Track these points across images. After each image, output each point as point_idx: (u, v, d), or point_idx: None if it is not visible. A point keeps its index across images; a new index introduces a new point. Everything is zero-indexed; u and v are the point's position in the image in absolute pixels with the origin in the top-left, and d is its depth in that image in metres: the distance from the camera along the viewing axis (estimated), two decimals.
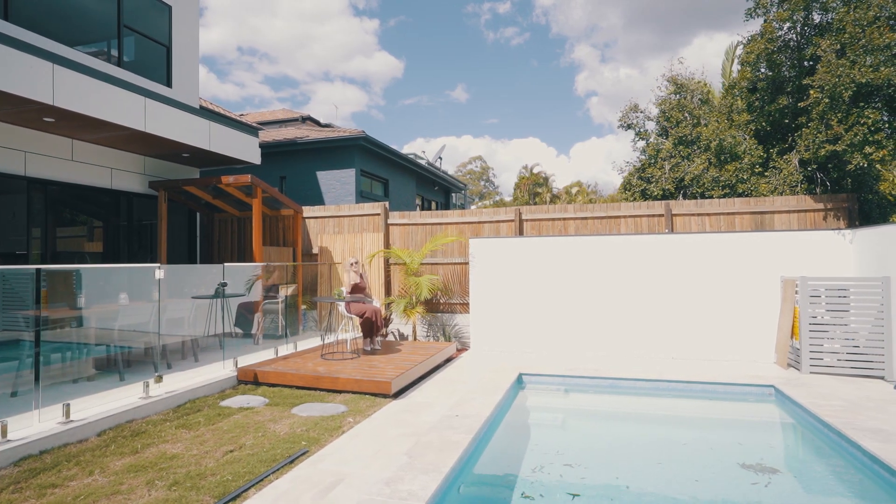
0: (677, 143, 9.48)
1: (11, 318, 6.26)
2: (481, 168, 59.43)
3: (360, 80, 76.01)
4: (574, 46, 69.57)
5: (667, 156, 9.50)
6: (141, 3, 9.18)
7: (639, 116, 10.66)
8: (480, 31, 69.99)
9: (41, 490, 3.35)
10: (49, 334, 6.51)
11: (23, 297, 6.79)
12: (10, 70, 5.77)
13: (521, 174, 46.85)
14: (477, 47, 72.55)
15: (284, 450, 4.07)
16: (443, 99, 75.36)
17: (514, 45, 69.62)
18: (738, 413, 6.27)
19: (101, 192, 8.61)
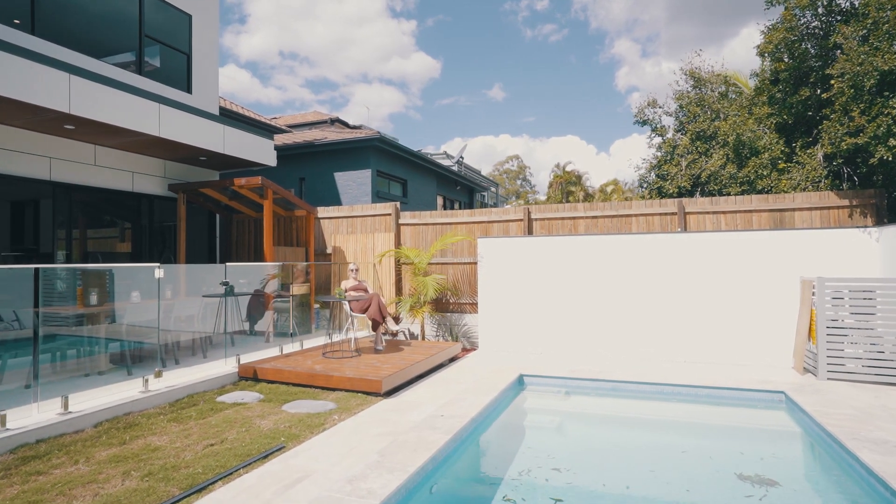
0: (695, 139, 9.16)
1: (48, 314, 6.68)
2: (518, 167, 59.03)
3: (397, 81, 76.93)
4: (614, 41, 68.26)
5: (683, 152, 9.19)
6: (162, 14, 9.57)
7: (656, 112, 10.35)
8: (518, 29, 69.56)
9: (26, 477, 3.55)
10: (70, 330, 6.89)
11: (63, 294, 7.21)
12: (29, 81, 6.12)
13: (555, 173, 46.29)
14: (514, 45, 72.17)
15: (263, 445, 4.16)
16: (480, 98, 75.32)
17: (552, 41, 68.90)
18: (744, 420, 6.00)
19: (124, 195, 9.03)
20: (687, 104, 9.62)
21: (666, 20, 64.50)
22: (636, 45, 67.62)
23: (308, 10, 75.44)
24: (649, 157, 10.23)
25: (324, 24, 76.02)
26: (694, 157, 8.94)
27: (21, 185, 7.60)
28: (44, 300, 6.79)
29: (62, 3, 8.00)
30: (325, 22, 76.09)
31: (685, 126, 9.36)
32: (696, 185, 8.86)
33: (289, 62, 77.11)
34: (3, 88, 5.92)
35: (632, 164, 24.47)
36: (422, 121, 78.56)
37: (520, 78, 75.07)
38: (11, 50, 5.99)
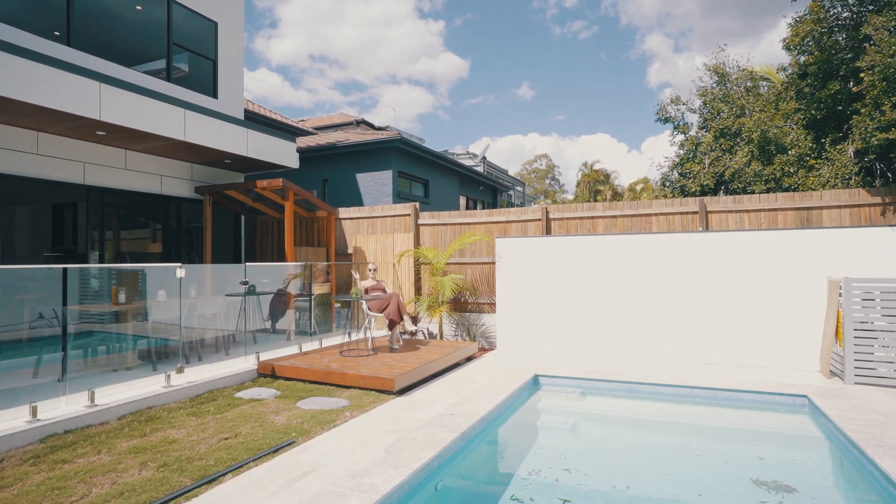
0: (718, 136, 8.95)
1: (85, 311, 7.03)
2: (546, 166, 58.55)
3: (425, 81, 77.46)
4: (645, 37, 67.08)
5: (707, 149, 8.99)
6: (189, 22, 9.90)
7: (680, 109, 10.15)
8: (547, 27, 69.07)
9: (53, 464, 3.75)
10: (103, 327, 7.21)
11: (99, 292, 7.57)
12: (62, 90, 6.44)
13: (583, 172, 45.72)
14: (543, 43, 71.74)
15: (274, 440, 4.28)
16: (508, 97, 75.13)
17: (581, 38, 68.19)
18: (764, 424, 5.84)
19: (153, 198, 9.38)
20: (711, 100, 9.39)
21: (700, 14, 62.93)
22: (668, 41, 66.24)
23: (336, 13, 76.69)
24: (672, 156, 10.01)
25: (352, 27, 77.16)
26: (717, 154, 8.74)
27: (59, 189, 8.00)
28: (80, 299, 7.15)
29: (96, 16, 8.38)
30: (354, 24, 77.24)
31: (708, 123, 9.14)
32: (719, 184, 8.66)
33: (318, 65, 78.57)
34: (40, 98, 6.25)
35: (654, 163, 24.00)
36: (450, 121, 78.85)
37: (548, 76, 74.54)
38: (46, 61, 6.31)
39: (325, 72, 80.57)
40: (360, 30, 77.64)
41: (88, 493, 3.31)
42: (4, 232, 10.75)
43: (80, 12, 8.07)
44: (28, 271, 7.08)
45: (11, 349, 6.96)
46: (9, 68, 5.96)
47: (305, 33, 78.53)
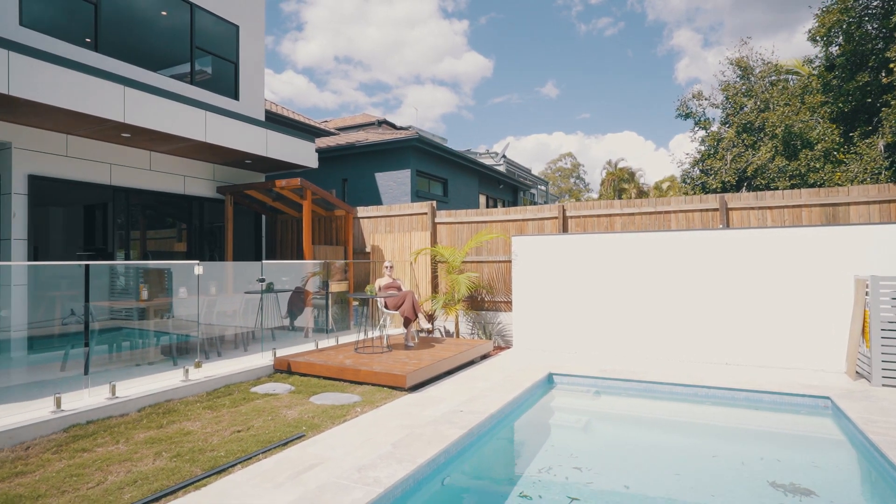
0: (741, 131, 8.73)
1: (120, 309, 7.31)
2: (571, 165, 58.00)
3: (449, 81, 77.65)
4: (673, 32, 65.86)
5: (728, 145, 8.78)
6: (211, 26, 10.14)
7: (702, 104, 9.94)
8: (572, 24, 68.44)
9: (73, 453, 3.90)
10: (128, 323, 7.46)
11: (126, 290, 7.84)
12: (89, 94, 6.68)
13: (607, 170, 45.15)
14: (568, 41, 71.14)
15: (285, 433, 4.37)
16: (533, 96, 74.75)
17: (607, 35, 67.39)
18: (784, 426, 5.68)
19: (176, 198, 9.65)
20: (733, 95, 9.17)
21: (730, 7, 61.32)
22: (697, 36, 64.79)
23: (361, 14, 77.47)
24: (693, 152, 9.81)
25: (376, 28, 77.86)
26: (740, 150, 8.52)
27: (87, 189, 8.30)
28: (107, 296, 7.40)
29: (122, 23, 8.66)
30: (378, 25, 77.92)
31: (730, 118, 8.93)
32: (741, 180, 8.45)
33: (343, 66, 79.54)
34: (68, 102, 6.50)
35: (675, 160, 23.59)
36: (474, 120, 78.86)
37: (574, 74, 73.85)
38: (73, 66, 6.56)
39: (349, 73, 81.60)
40: (384, 31, 78.38)
41: (104, 480, 3.43)
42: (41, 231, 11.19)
43: (107, 20, 8.35)
44: (59, 268, 7.37)
45: (44, 344, 7.27)
46: (40, 74, 6.21)
47: (330, 35, 79.71)
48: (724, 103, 9.49)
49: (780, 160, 7.96)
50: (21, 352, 7.08)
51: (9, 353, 7.06)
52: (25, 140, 7.34)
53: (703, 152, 9.34)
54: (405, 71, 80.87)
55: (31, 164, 7.41)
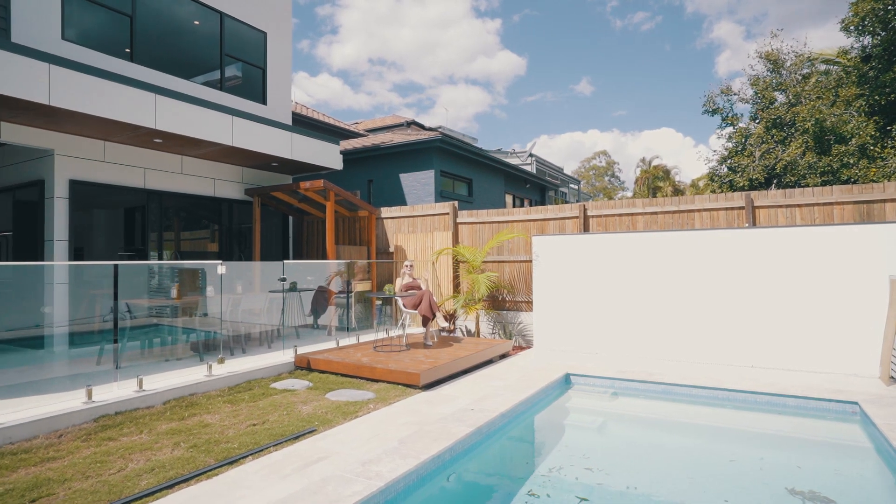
0: (770, 127, 8.45)
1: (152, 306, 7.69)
2: (606, 163, 57.05)
3: (482, 80, 77.60)
4: (713, 25, 63.91)
5: (757, 141, 8.52)
6: (240, 33, 10.49)
7: (731, 99, 9.66)
8: (607, 20, 67.36)
9: (100, 441, 4.14)
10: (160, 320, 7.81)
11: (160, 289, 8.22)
12: (122, 103, 7.04)
13: (641, 168, 44.28)
14: (603, 37, 70.02)
15: (297, 428, 4.51)
16: (567, 94, 73.93)
17: (644, 30, 66.01)
18: (808, 432, 5.50)
19: (207, 200, 10.03)
20: (763, 89, 8.88)
21: None
22: (739, 28, 62.55)
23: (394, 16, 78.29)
24: (720, 149, 9.54)
25: (410, 29, 78.53)
26: (769, 146, 8.25)
27: (124, 193, 8.73)
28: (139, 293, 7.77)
29: (156, 33, 9.06)
30: (411, 27, 78.58)
31: (759, 114, 8.65)
32: (770, 178, 8.18)
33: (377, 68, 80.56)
34: (104, 110, 6.86)
35: (702, 157, 22.89)
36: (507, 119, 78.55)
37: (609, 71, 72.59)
38: (109, 77, 6.92)
39: (383, 74, 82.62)
40: (417, 32, 79.02)
41: (125, 467, 3.64)
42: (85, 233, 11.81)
43: (142, 31, 8.76)
44: (98, 268, 7.78)
45: (83, 339, 7.69)
46: (78, 85, 6.59)
47: (364, 37, 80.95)
48: (754, 98, 9.18)
49: (810, 156, 7.67)
50: (62, 346, 7.51)
51: (51, 348, 7.51)
52: (66, 147, 7.79)
53: (730, 149, 9.07)
54: (438, 71, 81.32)
55: (72, 170, 7.85)
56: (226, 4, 10.09)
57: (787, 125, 8.43)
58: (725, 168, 9.15)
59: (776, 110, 8.54)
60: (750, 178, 8.34)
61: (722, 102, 9.40)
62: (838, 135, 7.68)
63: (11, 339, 7.90)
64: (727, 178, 8.86)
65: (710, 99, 9.34)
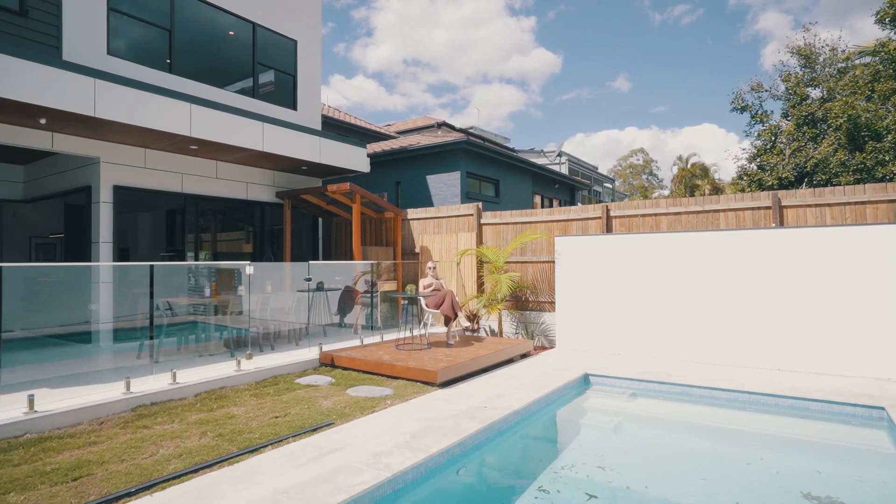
0: (801, 124, 8.23)
1: (190, 305, 8.14)
2: (644, 161, 55.92)
3: (517, 79, 77.26)
4: (758, 16, 61.64)
5: (787, 139, 8.30)
6: (271, 42, 10.90)
7: (761, 96, 9.43)
8: (646, 14, 65.97)
9: (137, 429, 4.48)
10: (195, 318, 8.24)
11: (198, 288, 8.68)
12: (160, 112, 7.48)
13: (678, 166, 43.26)
14: (641, 32, 68.60)
15: (316, 420, 4.74)
16: (604, 90, 72.79)
17: (684, 23, 64.28)
18: (832, 437, 5.37)
19: (240, 203, 10.48)
20: (794, 85, 8.64)
21: None
22: (786, 17, 59.99)
23: (428, 16, 78.86)
24: (748, 148, 9.32)
25: (444, 29, 78.92)
26: (800, 144, 8.04)
27: (163, 197, 9.25)
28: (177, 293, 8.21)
29: (192, 44, 9.55)
30: (445, 27, 78.94)
31: (789, 111, 8.43)
32: (801, 176, 7.96)
33: (412, 69, 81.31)
34: (143, 120, 7.31)
35: (730, 155, 22.06)
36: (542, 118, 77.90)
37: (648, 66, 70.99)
38: (147, 88, 7.37)
39: (417, 75, 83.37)
40: (451, 32, 79.35)
41: (156, 452, 3.94)
42: (131, 235, 12.51)
43: (180, 43, 9.26)
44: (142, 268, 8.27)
45: (126, 335, 8.20)
46: (120, 97, 7.05)
47: (399, 39, 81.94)
48: (785, 94, 8.94)
49: (842, 153, 7.44)
50: (107, 342, 8.03)
51: (98, 343, 8.03)
52: (111, 155, 8.31)
53: (759, 147, 8.86)
54: (473, 71, 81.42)
55: (116, 176, 8.38)
56: (258, 15, 10.52)
57: (819, 122, 8.19)
58: (755, 167, 8.94)
59: (808, 107, 8.30)
60: (779, 176, 8.14)
61: (751, 99, 9.19)
62: (873, 131, 7.42)
63: (63, 333, 8.51)
64: (756, 177, 8.66)
65: (739, 96, 9.14)
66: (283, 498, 3.20)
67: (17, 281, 8.68)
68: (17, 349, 7.58)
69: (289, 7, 11.19)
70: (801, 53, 8.67)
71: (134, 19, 8.71)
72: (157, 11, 8.99)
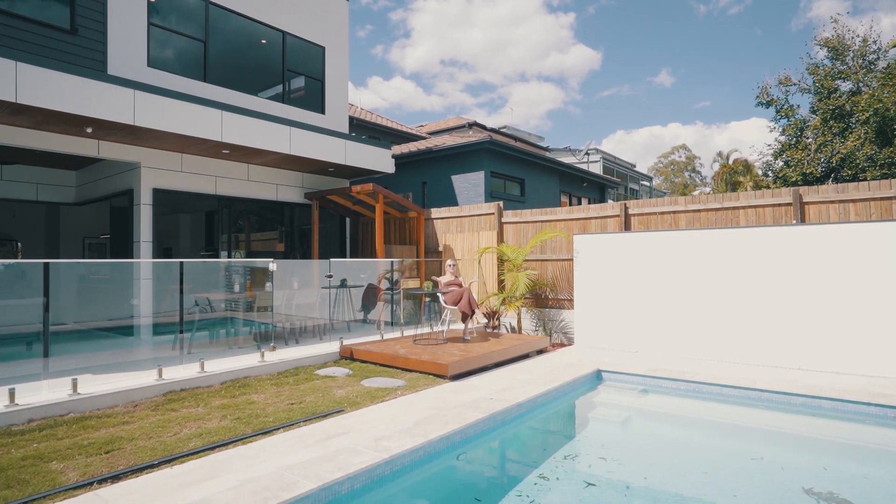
0: (828, 118, 8.02)
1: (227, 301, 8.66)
2: (686, 158, 54.45)
3: (555, 76, 76.52)
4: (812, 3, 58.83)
5: (813, 134, 8.11)
6: (300, 49, 11.37)
7: (789, 90, 9.21)
8: (689, 6, 64.09)
9: (165, 411, 4.89)
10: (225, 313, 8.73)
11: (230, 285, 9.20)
12: (194, 120, 7.99)
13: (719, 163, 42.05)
14: (685, 25, 66.66)
15: (328, 408, 5.04)
16: (645, 86, 71.24)
17: (731, 14, 62.07)
18: (842, 435, 5.29)
19: (271, 204, 10.99)
20: (822, 77, 8.42)
21: None
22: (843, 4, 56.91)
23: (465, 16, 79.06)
24: (773, 143, 9.13)
25: (480, 29, 78.94)
26: (826, 138, 7.85)
27: (199, 199, 9.83)
28: (209, 289, 8.73)
29: (226, 54, 10.10)
30: (482, 26, 78.95)
31: (816, 105, 8.22)
32: (827, 172, 7.77)
33: (449, 69, 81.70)
34: (179, 127, 7.84)
35: (755, 150, 21.28)
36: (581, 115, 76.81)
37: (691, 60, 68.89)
38: (181, 97, 7.90)
39: (454, 75, 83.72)
40: (488, 31, 79.30)
41: (180, 432, 4.32)
42: (172, 235, 13.27)
43: (214, 54, 9.81)
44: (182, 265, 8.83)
45: (165, 328, 8.77)
46: (156, 106, 7.59)
47: (436, 39, 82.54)
48: (813, 87, 8.71)
49: (868, 148, 7.24)
50: (147, 334, 8.62)
51: (139, 336, 8.64)
52: (150, 160, 8.92)
53: (783, 143, 8.66)
54: (510, 69, 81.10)
55: (155, 180, 8.98)
56: (287, 23, 11.00)
57: (846, 115, 7.96)
58: (781, 163, 8.75)
59: (836, 100, 8.07)
60: (804, 172, 7.95)
61: (778, 93, 8.97)
62: None
63: (110, 326, 9.18)
64: (781, 174, 8.48)
65: (764, 90, 8.93)
66: (287, 473, 3.49)
67: (72, 278, 9.44)
68: (69, 340, 8.26)
69: (317, 14, 11.64)
70: (830, 45, 8.40)
71: (172, 33, 9.30)
72: (192, 24, 9.57)
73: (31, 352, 6.56)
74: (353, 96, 45.26)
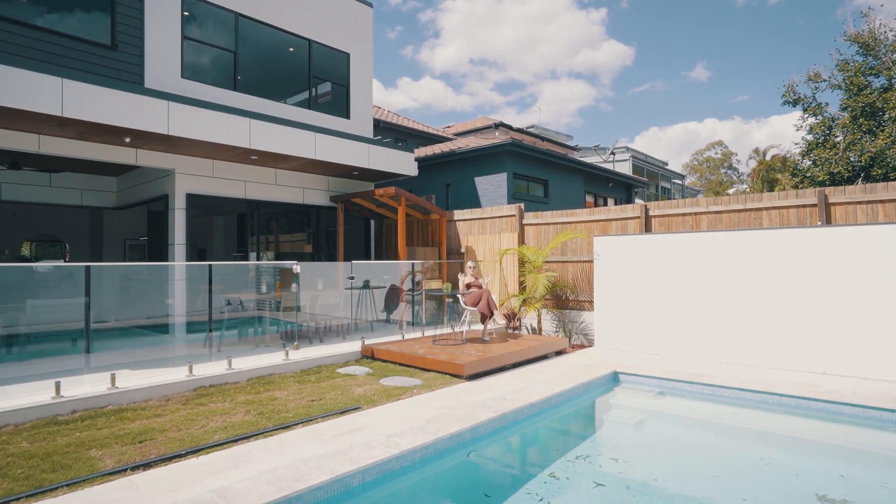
0: (857, 116, 7.82)
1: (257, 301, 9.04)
2: (722, 154, 52.99)
3: (586, 73, 75.54)
4: None
5: (843, 132, 7.92)
6: (325, 56, 11.70)
7: (818, 87, 9.00)
8: None
9: (194, 406, 5.20)
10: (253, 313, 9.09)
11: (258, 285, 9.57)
12: (224, 128, 8.37)
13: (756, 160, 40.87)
14: (722, 17, 64.73)
15: (346, 405, 5.26)
16: (679, 81, 69.61)
17: (771, 4, 59.89)
18: (862, 442, 5.20)
19: (297, 207, 11.36)
20: (852, 74, 8.20)
21: None
22: None
23: (494, 15, 78.89)
24: (800, 142, 8.91)
25: (510, 27, 78.59)
26: (855, 136, 7.66)
27: (230, 203, 10.26)
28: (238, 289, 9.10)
29: (254, 63, 10.50)
30: (512, 24, 78.59)
31: (845, 102, 8.01)
32: (856, 172, 7.59)
33: (478, 68, 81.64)
34: (209, 135, 8.23)
35: (781, 149, 20.39)
36: (613, 112, 75.54)
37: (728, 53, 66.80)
38: (211, 107, 8.29)
39: (484, 74, 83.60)
40: (518, 29, 78.86)
41: (206, 425, 4.60)
42: (206, 238, 13.82)
43: (243, 64, 10.23)
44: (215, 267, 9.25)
45: (197, 327, 9.20)
46: (188, 116, 8.00)
47: (465, 39, 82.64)
48: (842, 84, 8.47)
49: None
50: (181, 332, 9.07)
51: (173, 334, 9.10)
52: (184, 166, 9.37)
53: (810, 142, 8.46)
54: (540, 67, 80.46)
55: (189, 185, 9.43)
56: (313, 31, 11.34)
57: (878, 112, 7.73)
58: (809, 162, 8.54)
59: (866, 97, 7.84)
60: (831, 171, 7.76)
61: (805, 91, 8.75)
62: None
63: (147, 325, 9.68)
64: (808, 173, 8.28)
65: (791, 88, 8.71)
66: (302, 465, 3.71)
67: (115, 278, 9.99)
68: (110, 337, 8.78)
69: (342, 22, 11.95)
70: (859, 41, 8.13)
71: (203, 45, 9.74)
72: (223, 36, 10.00)
73: (75, 348, 7.02)
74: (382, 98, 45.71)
